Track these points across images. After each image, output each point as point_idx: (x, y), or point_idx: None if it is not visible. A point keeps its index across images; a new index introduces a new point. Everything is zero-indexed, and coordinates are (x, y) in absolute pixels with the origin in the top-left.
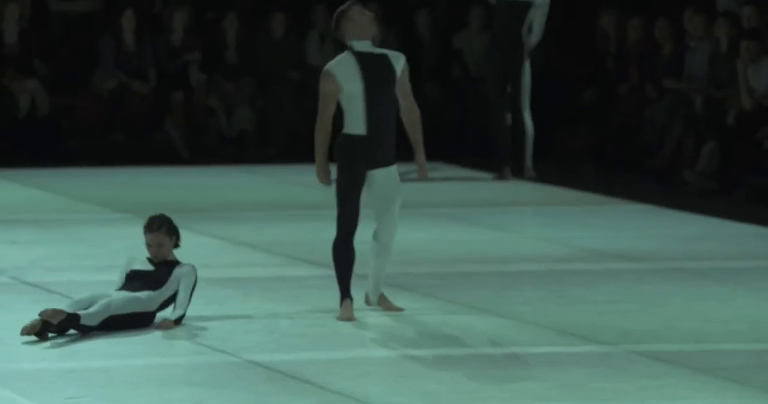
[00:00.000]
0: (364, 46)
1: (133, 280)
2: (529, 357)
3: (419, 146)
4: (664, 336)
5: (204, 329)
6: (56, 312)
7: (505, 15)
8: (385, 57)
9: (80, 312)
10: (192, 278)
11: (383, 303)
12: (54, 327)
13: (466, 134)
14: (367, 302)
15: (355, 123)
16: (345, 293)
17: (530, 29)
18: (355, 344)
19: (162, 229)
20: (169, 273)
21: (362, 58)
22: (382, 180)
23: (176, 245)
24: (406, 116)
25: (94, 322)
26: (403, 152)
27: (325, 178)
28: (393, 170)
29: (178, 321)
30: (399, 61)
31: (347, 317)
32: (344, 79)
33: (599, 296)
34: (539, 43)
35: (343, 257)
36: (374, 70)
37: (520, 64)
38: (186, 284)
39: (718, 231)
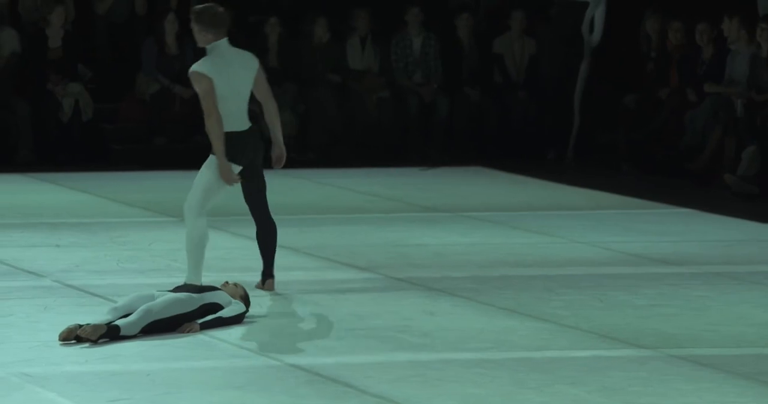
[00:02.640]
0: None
1: (178, 290)
2: (570, 361)
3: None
4: (705, 340)
5: (245, 332)
6: (95, 328)
7: (564, 13)
8: None
9: (120, 323)
10: (238, 312)
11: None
12: (94, 341)
13: (507, 137)
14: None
15: None
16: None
17: (591, 28)
18: (394, 347)
19: None
20: (217, 289)
21: None
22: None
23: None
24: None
25: (134, 331)
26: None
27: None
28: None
29: (203, 326)
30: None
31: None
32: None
33: (640, 300)
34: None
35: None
36: None
37: (581, 61)
38: (231, 310)
39: (758, 235)
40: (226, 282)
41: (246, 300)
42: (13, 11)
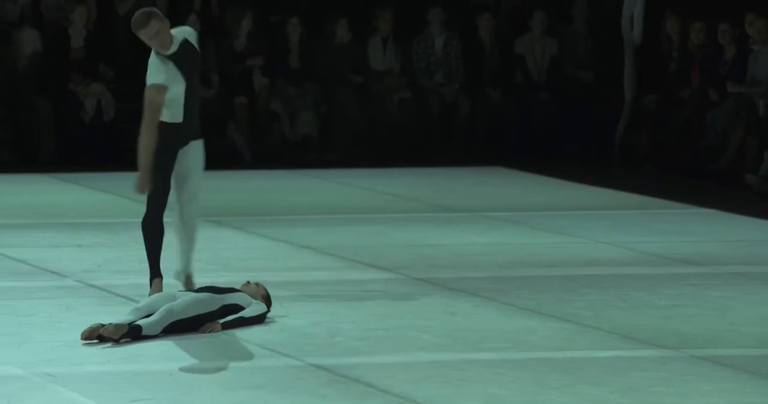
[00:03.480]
0: None
1: (199, 291)
2: (591, 361)
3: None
4: (727, 341)
5: (266, 332)
6: (117, 327)
7: (591, 11)
8: None
9: (141, 323)
10: (259, 312)
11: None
12: (116, 341)
13: (528, 138)
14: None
15: None
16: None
17: (632, 25)
18: (416, 347)
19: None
20: (238, 290)
21: None
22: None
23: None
24: None
25: (156, 331)
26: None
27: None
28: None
29: (225, 326)
30: None
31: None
32: None
33: (661, 300)
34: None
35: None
36: None
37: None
38: (253, 310)
39: None
40: (248, 282)
41: (267, 300)
42: (35, 11)
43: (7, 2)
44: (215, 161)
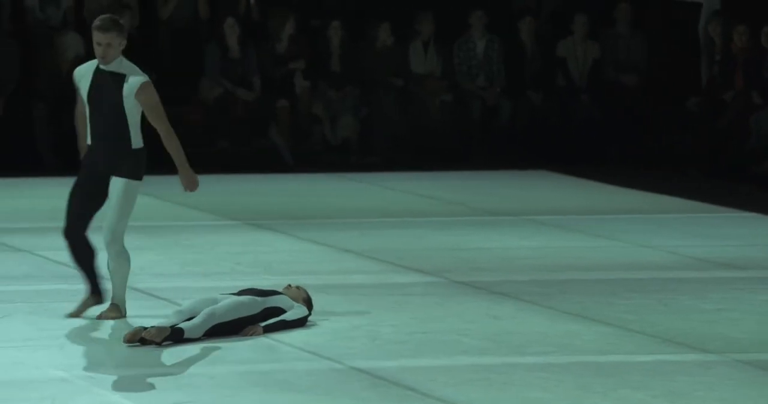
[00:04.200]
0: None
1: (241, 294)
2: (635, 366)
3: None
4: None
5: (307, 335)
6: (159, 330)
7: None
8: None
9: (183, 325)
10: (301, 315)
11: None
12: (158, 344)
13: (569, 141)
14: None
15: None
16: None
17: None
18: (458, 351)
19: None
20: (280, 292)
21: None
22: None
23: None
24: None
25: (198, 333)
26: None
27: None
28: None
29: (266, 329)
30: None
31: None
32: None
33: (705, 304)
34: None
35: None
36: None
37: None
38: (294, 313)
39: None
40: (289, 285)
41: (309, 303)
42: (78, 15)
43: (50, 6)
44: (256, 164)
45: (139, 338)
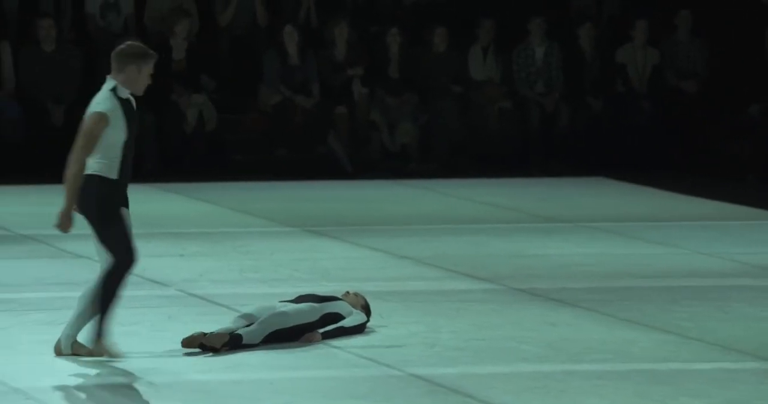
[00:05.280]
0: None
1: (300, 300)
2: (693, 373)
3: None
4: None
5: (365, 342)
6: (219, 336)
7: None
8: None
9: (242, 332)
10: (359, 322)
11: (78, 349)
12: (217, 350)
13: (629, 148)
14: (58, 350)
15: (112, 168)
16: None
17: None
18: (516, 358)
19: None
20: (339, 298)
21: (127, 107)
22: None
23: None
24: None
25: (256, 339)
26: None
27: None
28: None
29: (325, 335)
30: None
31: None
32: (114, 125)
33: (765, 312)
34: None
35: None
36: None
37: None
38: (353, 320)
39: None
40: (347, 292)
41: (367, 310)
42: (138, 22)
43: (111, 13)
44: (315, 171)
45: (199, 343)
